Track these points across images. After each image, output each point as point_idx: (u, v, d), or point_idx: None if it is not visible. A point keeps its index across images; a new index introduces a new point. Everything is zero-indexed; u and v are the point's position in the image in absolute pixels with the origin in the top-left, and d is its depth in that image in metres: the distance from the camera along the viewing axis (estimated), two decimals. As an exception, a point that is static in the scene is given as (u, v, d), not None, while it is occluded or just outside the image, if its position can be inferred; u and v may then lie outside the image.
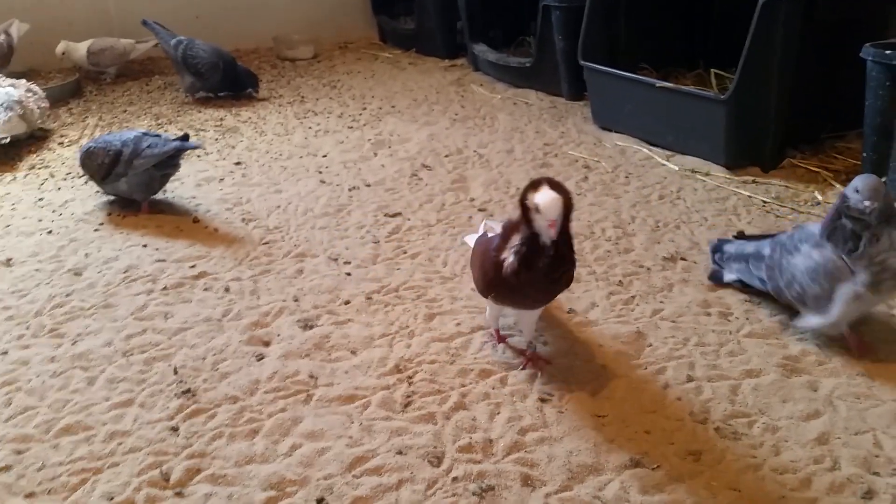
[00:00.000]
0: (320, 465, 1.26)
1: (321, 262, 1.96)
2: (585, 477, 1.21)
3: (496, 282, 1.38)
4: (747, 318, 1.60)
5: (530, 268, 1.31)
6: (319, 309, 1.73)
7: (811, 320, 1.44)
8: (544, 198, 1.25)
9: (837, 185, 2.17)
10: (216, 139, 2.93)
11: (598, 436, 1.30)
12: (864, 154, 2.08)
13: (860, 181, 1.33)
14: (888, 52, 1.93)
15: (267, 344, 1.62)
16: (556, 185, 1.28)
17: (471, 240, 1.64)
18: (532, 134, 2.88)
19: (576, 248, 1.93)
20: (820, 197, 2.12)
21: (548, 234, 1.27)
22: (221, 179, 2.54)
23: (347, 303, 1.75)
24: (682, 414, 1.34)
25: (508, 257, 1.34)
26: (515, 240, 1.34)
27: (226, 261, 1.98)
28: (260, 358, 1.56)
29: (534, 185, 1.29)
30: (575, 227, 2.05)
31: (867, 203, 1.30)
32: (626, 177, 2.40)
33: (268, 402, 1.43)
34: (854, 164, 2.24)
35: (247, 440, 1.33)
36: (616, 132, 2.78)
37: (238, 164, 2.68)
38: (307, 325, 1.67)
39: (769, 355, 1.47)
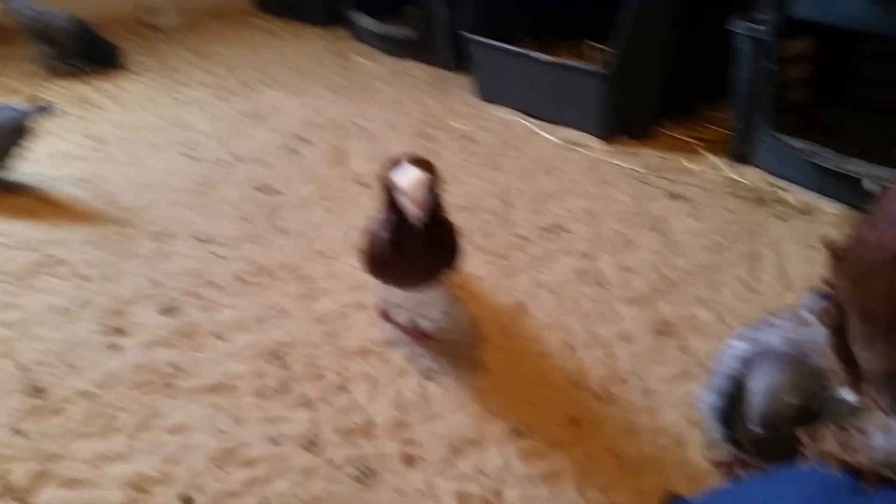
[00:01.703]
0: (186, 461, 1.17)
1: (187, 242, 1.83)
2: (467, 451, 1.18)
3: (373, 261, 1.32)
4: (622, 286, 1.62)
5: (402, 250, 1.24)
6: (185, 293, 1.61)
7: None
8: (406, 177, 1.17)
9: (707, 154, 2.25)
10: (76, 114, 2.69)
11: (480, 409, 1.27)
12: (733, 124, 2.15)
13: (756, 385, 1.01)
14: (754, 24, 2.00)
15: (125, 333, 1.49)
16: (419, 161, 1.21)
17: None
18: (414, 106, 2.82)
19: (458, 220, 1.92)
20: (690, 165, 2.19)
21: (415, 214, 1.19)
22: (80, 157, 2.33)
23: (216, 285, 1.64)
24: (562, 382, 1.34)
25: (377, 231, 1.27)
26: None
27: (81, 244, 1.81)
28: (117, 349, 1.43)
29: (395, 163, 1.21)
30: (457, 199, 2.04)
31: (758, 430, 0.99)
32: (509, 149, 2.39)
33: (126, 397, 1.31)
34: (723, 133, 2.32)
35: (102, 438, 1.22)
36: (499, 104, 2.76)
37: (99, 140, 2.47)
38: (171, 311, 1.55)
39: (643, 320, 1.49)
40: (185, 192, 2.10)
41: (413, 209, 1.17)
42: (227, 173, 2.22)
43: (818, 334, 1.05)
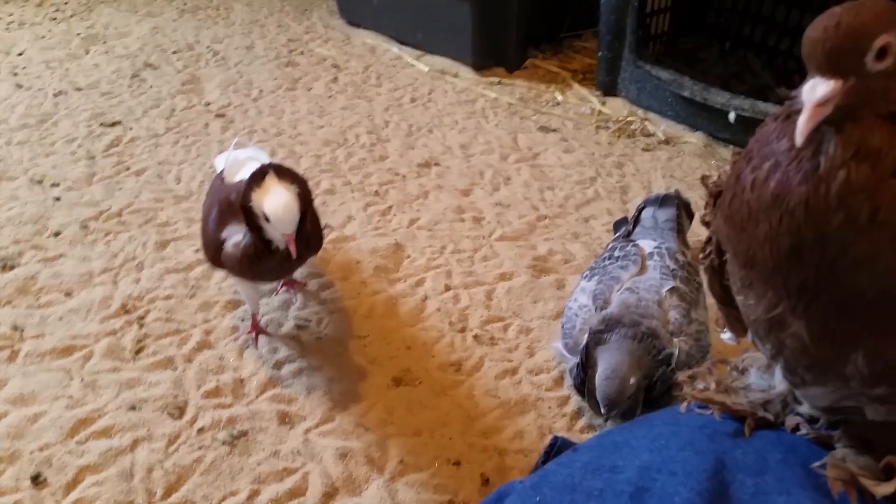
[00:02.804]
0: (34, 435, 1.06)
1: (21, 185, 1.63)
2: (348, 404, 1.14)
3: (219, 262, 1.12)
4: (498, 222, 1.60)
5: (259, 262, 1.06)
6: (21, 244, 1.44)
7: None
8: (275, 205, 0.98)
9: (575, 85, 2.25)
10: None
11: (360, 358, 1.23)
12: (600, 53, 2.16)
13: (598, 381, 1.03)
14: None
15: (-49, 293, 1.31)
16: (286, 175, 1.02)
17: (222, 164, 1.29)
18: (274, 28, 2.62)
19: (329, 156, 1.82)
20: (560, 97, 2.18)
21: (282, 243, 1.02)
22: None
23: (57, 234, 1.47)
24: (442, 325, 1.31)
25: (228, 248, 1.07)
26: (237, 228, 1.05)
27: None
28: (-58, 311, 1.26)
29: (257, 180, 1.00)
30: (327, 133, 1.93)
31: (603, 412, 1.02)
32: (378, 78, 2.29)
33: (-43, 366, 1.16)
34: (591, 64, 2.33)
35: (-72, 418, 1.07)
36: (364, 28, 2.63)
37: None
38: (6, 266, 1.38)
39: (520, 257, 1.49)
40: (17, 127, 1.86)
41: (283, 240, 1.02)
42: (65, 105, 1.99)
43: (652, 281, 1.09)
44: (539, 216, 1.63)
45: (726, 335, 0.76)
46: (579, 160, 1.86)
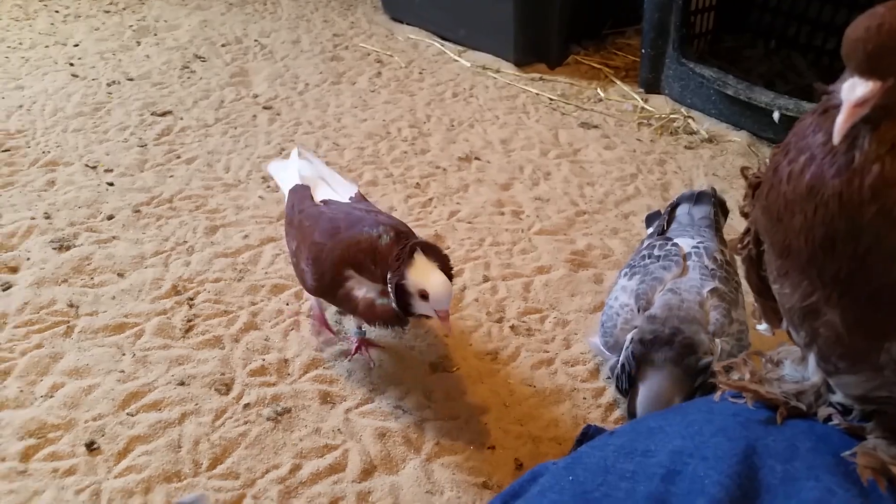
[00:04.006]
0: (88, 405, 1.11)
1: (77, 170, 1.69)
2: (386, 388, 1.17)
3: (322, 293, 1.14)
4: (538, 216, 1.62)
5: (390, 321, 1.07)
6: (77, 226, 1.50)
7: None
8: (437, 287, 0.99)
9: (618, 82, 2.25)
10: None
11: (398, 344, 1.26)
12: (643, 50, 2.16)
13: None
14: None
15: (14, 270, 1.37)
16: (431, 253, 1.03)
17: (277, 171, 1.34)
18: (319, 23, 2.67)
19: (372, 148, 1.86)
20: (602, 94, 2.19)
21: (430, 313, 1.02)
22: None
23: (111, 217, 1.53)
24: (480, 315, 1.34)
25: (358, 297, 1.06)
26: (364, 282, 1.06)
27: (-48, 172, 1.64)
28: (6, 287, 1.32)
29: (406, 257, 1.00)
30: (370, 126, 1.97)
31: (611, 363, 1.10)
32: (420, 73, 2.32)
33: (19, 339, 1.22)
34: (634, 61, 2.33)
35: (-7, 385, 1.13)
36: (408, 24, 2.66)
37: (-37, 53, 2.22)
38: (63, 246, 1.44)
39: (558, 251, 1.50)
40: (74, 116, 1.93)
41: (433, 314, 1.02)
42: (118, 95, 2.06)
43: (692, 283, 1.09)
44: (578, 211, 1.64)
45: (762, 326, 0.77)
46: (620, 157, 1.86)
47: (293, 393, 1.14)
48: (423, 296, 1.00)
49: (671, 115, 2.05)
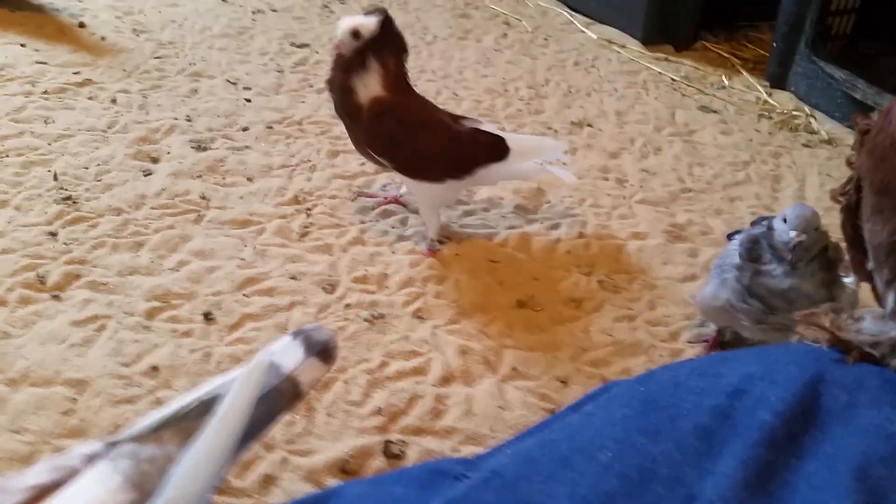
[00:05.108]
0: (209, 283, 1.24)
1: (218, 84, 1.84)
2: (473, 313, 1.25)
3: None
4: (641, 187, 1.65)
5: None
6: (214, 132, 1.64)
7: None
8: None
9: (744, 73, 2.23)
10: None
11: (490, 278, 1.34)
12: (774, 44, 2.12)
13: (790, 210, 1.08)
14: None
15: (155, 160, 1.53)
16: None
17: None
18: (455, -18, 2.74)
19: (489, 103, 1.93)
20: (726, 81, 2.17)
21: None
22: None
23: (245, 129, 1.67)
24: (570, 266, 1.39)
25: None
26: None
27: (113, 71, 1.82)
28: (147, 173, 1.48)
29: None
30: (489, 82, 2.04)
31: (793, 234, 1.05)
32: (545, 39, 2.36)
33: (155, 218, 1.37)
34: (763, 55, 2.29)
35: (131, 252, 1.28)
36: (540, -7, 2.69)
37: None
38: (200, 147, 1.58)
39: (657, 221, 1.53)
40: (220, 36, 2.08)
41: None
42: (262, 23, 2.20)
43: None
44: (684, 188, 1.66)
45: (849, 279, 0.79)
46: (736, 143, 1.86)
47: (389, 303, 1.24)
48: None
49: (794, 112, 2.01)
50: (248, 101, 1.79)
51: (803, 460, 0.59)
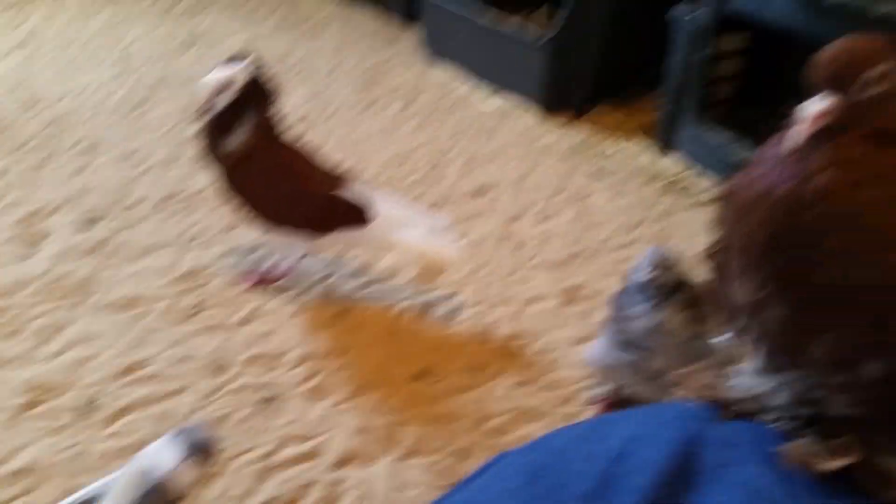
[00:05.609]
0: (90, 370, 1.19)
1: (113, 157, 1.80)
2: (371, 389, 1.23)
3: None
4: (539, 250, 1.69)
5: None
6: (107, 208, 1.59)
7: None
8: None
9: (636, 138, 2.33)
10: (4, 13, 2.56)
11: (389, 350, 1.32)
12: (662, 111, 2.24)
13: (645, 253, 1.15)
14: (692, 14, 2.07)
15: (41, 241, 1.47)
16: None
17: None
18: (360, 52, 2.79)
19: (391, 173, 1.95)
20: (619, 147, 2.26)
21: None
22: (4, 53, 2.24)
23: (138, 204, 1.63)
24: (470, 333, 1.40)
25: None
26: None
27: (4, 147, 1.76)
28: (31, 255, 1.41)
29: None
30: (390, 155, 2.06)
31: (646, 272, 1.12)
32: (448, 109, 2.42)
33: (35, 303, 1.30)
34: (653, 120, 2.40)
35: (5, 341, 1.21)
36: (444, 63, 2.77)
37: (27, 41, 2.36)
38: (90, 225, 1.53)
39: (553, 284, 1.56)
40: (115, 107, 2.05)
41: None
42: (161, 93, 2.18)
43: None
44: (578, 250, 1.70)
45: (718, 339, 0.82)
46: (627, 205, 1.93)
47: (283, 382, 1.21)
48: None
49: (681, 174, 2.11)
50: (144, 173, 1.75)
51: (679, 522, 0.59)
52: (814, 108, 0.52)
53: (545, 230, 1.77)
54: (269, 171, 1.29)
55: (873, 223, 0.51)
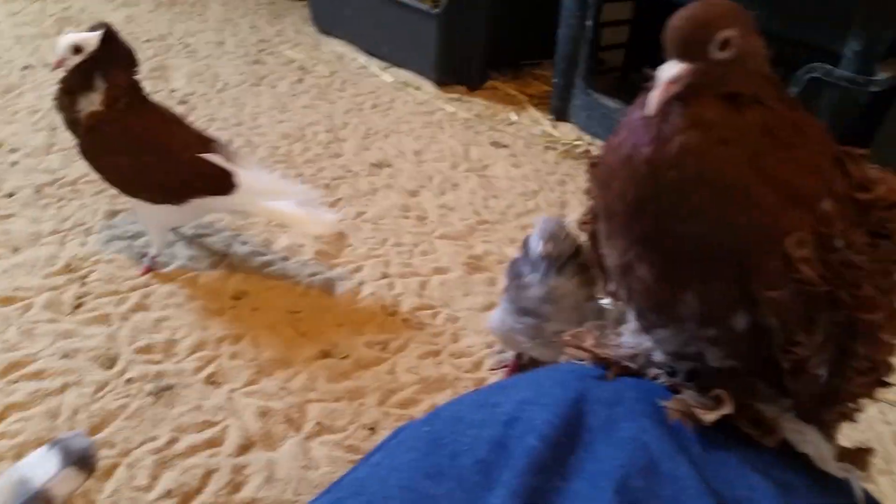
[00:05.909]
0: (-36, 373, 1.09)
1: (-22, 147, 1.66)
2: (273, 371, 1.19)
3: None
4: (441, 222, 1.68)
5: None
6: (-28, 200, 1.47)
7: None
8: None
9: (530, 108, 2.36)
10: None
11: (291, 330, 1.29)
12: (554, 80, 2.28)
13: (538, 224, 1.14)
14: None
15: None
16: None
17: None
18: (246, 28, 2.70)
19: (285, 149, 1.89)
20: (515, 117, 2.29)
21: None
22: None
23: (11, 195, 1.51)
24: (374, 308, 1.38)
25: None
26: None
27: None
28: None
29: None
30: (287, 128, 2.00)
31: (540, 245, 1.11)
32: (342, 83, 2.37)
33: None
34: (546, 90, 2.45)
35: None
36: (335, 37, 2.71)
37: None
38: (-46, 218, 1.41)
39: (457, 254, 1.57)
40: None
41: None
42: (30, 78, 2.03)
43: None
44: (480, 220, 1.71)
45: (605, 301, 0.84)
46: (525, 174, 1.95)
47: (177, 371, 1.16)
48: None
49: (575, 142, 2.16)
50: (15, 163, 1.63)
51: (569, 482, 0.60)
52: (667, 72, 0.53)
53: (446, 202, 1.77)
54: (124, 135, 1.24)
55: (731, 181, 0.52)
